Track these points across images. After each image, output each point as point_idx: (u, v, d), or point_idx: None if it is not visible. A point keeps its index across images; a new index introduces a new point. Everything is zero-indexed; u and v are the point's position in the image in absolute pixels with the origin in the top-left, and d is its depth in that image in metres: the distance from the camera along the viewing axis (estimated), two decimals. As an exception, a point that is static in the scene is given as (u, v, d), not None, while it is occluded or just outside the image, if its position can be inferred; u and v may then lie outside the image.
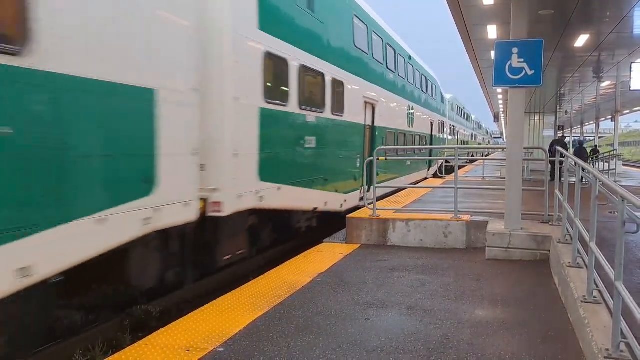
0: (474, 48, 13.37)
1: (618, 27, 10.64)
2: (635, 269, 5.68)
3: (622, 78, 16.74)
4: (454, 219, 7.99)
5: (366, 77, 12.33)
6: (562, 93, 22.47)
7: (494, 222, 7.79)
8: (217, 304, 5.18)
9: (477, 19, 10.58)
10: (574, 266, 5.25)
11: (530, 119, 28.97)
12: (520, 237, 7.11)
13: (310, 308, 5.00)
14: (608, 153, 24.96)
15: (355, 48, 11.57)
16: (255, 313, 4.82)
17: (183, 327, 4.50)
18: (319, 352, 3.96)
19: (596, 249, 4.02)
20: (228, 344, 4.10)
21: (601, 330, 3.63)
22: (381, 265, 6.81)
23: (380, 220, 8.19)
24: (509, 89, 7.57)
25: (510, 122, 7.60)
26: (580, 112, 33.50)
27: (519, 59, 6.98)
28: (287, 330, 4.42)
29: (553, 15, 9.86)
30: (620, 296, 3.15)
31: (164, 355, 3.89)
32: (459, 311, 4.94)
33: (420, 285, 5.84)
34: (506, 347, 4.08)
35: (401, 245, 8.01)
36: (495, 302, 5.24)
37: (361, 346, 4.07)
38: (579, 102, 26.77)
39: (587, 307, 4.12)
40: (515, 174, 7.44)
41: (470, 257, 7.31)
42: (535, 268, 6.65)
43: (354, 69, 11.40)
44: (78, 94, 4.52)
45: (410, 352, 3.97)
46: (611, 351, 3.26)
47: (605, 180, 4.00)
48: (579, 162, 5.76)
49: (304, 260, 7.13)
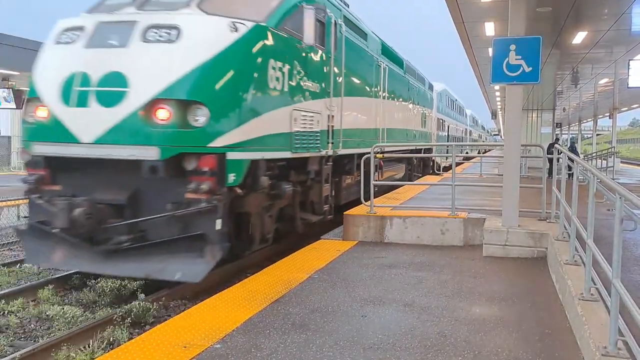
0: (471, 45, 13.35)
1: (616, 24, 10.64)
2: (633, 267, 5.69)
3: (620, 75, 16.75)
4: (451, 216, 7.99)
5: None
6: (559, 90, 22.49)
7: (491, 219, 7.79)
8: (214, 301, 5.17)
9: (475, 16, 10.57)
10: (572, 263, 5.25)
11: (527, 116, 28.99)
12: (517, 234, 7.12)
13: (307, 305, 5.00)
14: (606, 150, 25.00)
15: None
16: (252, 310, 4.81)
17: (180, 324, 4.49)
18: (316, 348, 3.95)
19: (594, 246, 4.02)
20: (225, 340, 4.09)
21: (598, 328, 3.62)
22: (378, 262, 6.80)
23: (378, 217, 8.18)
24: (506, 86, 7.56)
25: (507, 119, 7.60)
26: (578, 110, 33.53)
27: (517, 56, 6.97)
28: (283, 327, 4.41)
29: (551, 12, 9.86)
30: (617, 294, 3.14)
31: (161, 352, 3.87)
32: (456, 308, 4.94)
33: (417, 282, 5.84)
34: (503, 344, 4.08)
35: (398, 242, 8.01)
36: (493, 299, 5.24)
37: (358, 343, 4.07)
38: (577, 100, 26.79)
39: (584, 305, 4.11)
40: (512, 171, 7.43)
41: (467, 254, 7.31)
42: (533, 265, 6.66)
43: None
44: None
45: (407, 349, 3.97)
46: (609, 349, 3.26)
47: (603, 178, 4.00)
48: (576, 159, 5.76)
49: (300, 257, 7.12)
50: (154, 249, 6.39)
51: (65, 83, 6.53)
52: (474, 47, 13.57)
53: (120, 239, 6.45)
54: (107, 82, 6.35)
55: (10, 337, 6.06)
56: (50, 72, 6.81)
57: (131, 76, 6.28)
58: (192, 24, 6.50)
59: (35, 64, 7.09)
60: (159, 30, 6.43)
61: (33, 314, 6.75)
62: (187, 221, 6.30)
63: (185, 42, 6.34)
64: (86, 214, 6.33)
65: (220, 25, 6.55)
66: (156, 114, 6.21)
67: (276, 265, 6.78)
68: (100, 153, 6.39)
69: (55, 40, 6.97)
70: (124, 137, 6.28)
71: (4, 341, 5.79)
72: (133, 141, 6.26)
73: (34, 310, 6.82)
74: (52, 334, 6.10)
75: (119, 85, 6.29)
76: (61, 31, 6.97)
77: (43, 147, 6.77)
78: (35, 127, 6.86)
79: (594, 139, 39.69)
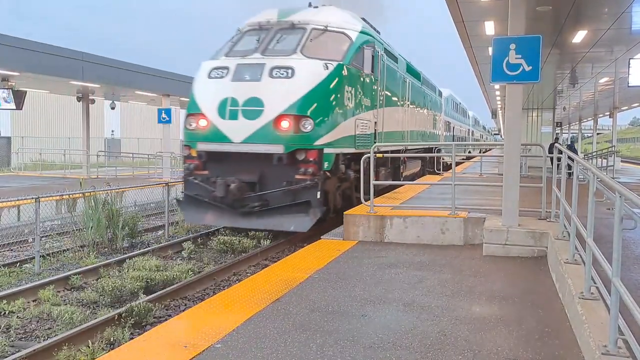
0: (471, 44, 13.34)
1: (616, 23, 10.62)
2: (633, 265, 5.68)
3: (620, 74, 16.72)
4: (452, 216, 7.99)
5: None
6: (559, 89, 22.47)
7: (491, 218, 7.79)
8: (214, 301, 5.17)
9: (475, 15, 10.56)
10: (572, 262, 5.25)
11: (528, 116, 28.95)
12: (517, 233, 7.12)
13: (307, 304, 5.00)
14: (607, 149, 24.96)
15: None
16: (252, 310, 4.82)
17: (180, 324, 4.50)
18: (316, 348, 3.96)
19: (594, 245, 4.02)
20: (225, 340, 4.10)
21: (598, 327, 3.63)
22: (378, 261, 6.81)
23: (378, 216, 8.18)
24: (506, 85, 7.56)
25: (507, 118, 7.60)
26: (578, 109, 33.51)
27: (517, 55, 6.96)
28: (284, 326, 4.41)
29: (551, 11, 9.84)
30: (617, 292, 3.15)
31: (161, 352, 3.88)
32: (456, 307, 4.94)
33: (417, 281, 5.84)
34: (503, 343, 4.08)
35: (398, 241, 8.01)
36: (493, 298, 5.25)
37: (358, 342, 4.07)
38: (577, 99, 26.76)
39: (584, 304, 4.11)
40: (512, 171, 7.43)
41: (467, 253, 7.31)
42: (533, 264, 6.66)
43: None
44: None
45: (407, 348, 3.97)
46: (609, 348, 3.26)
47: (602, 177, 3.99)
48: (576, 158, 5.76)
49: (300, 256, 7.12)
50: (275, 211, 9.75)
51: (220, 104, 9.96)
52: (473, 46, 13.55)
53: (253, 205, 9.80)
54: (249, 103, 9.79)
55: (12, 337, 6.07)
56: (208, 96, 10.24)
57: (265, 100, 9.72)
58: (300, 65, 9.99)
59: (193, 90, 10.60)
60: (280, 70, 9.92)
61: (34, 314, 6.76)
62: (297, 193, 9.67)
63: (297, 78, 9.81)
64: (237, 187, 9.68)
65: (317, 66, 10.08)
66: (281, 124, 9.65)
67: (276, 265, 6.79)
68: (246, 149, 9.81)
69: (207, 76, 10.43)
70: (261, 139, 9.69)
71: (5, 341, 5.80)
72: (267, 141, 9.68)
73: (35, 311, 6.84)
74: (53, 334, 6.11)
75: (257, 106, 9.74)
76: (211, 69, 10.45)
77: (205, 145, 10.16)
78: (197, 133, 10.23)
79: (594, 138, 39.65)
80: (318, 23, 10.95)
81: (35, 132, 38.98)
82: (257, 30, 11.21)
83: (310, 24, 10.87)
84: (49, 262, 9.50)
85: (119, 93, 25.75)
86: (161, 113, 22.67)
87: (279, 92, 9.70)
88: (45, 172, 25.46)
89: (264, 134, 9.64)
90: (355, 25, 11.74)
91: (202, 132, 10.13)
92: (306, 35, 10.63)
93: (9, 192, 15.41)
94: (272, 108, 9.63)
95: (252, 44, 10.93)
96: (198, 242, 10.98)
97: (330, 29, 11.03)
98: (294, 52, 10.26)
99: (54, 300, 7.23)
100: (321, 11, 11.52)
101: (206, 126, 10.08)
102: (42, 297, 7.32)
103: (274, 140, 9.62)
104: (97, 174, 24.07)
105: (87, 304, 7.28)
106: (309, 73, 9.92)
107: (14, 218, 12.81)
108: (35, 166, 28.17)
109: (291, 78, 9.76)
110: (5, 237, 11.40)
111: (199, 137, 10.17)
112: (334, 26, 11.13)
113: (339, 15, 11.66)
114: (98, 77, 19.93)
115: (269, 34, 10.88)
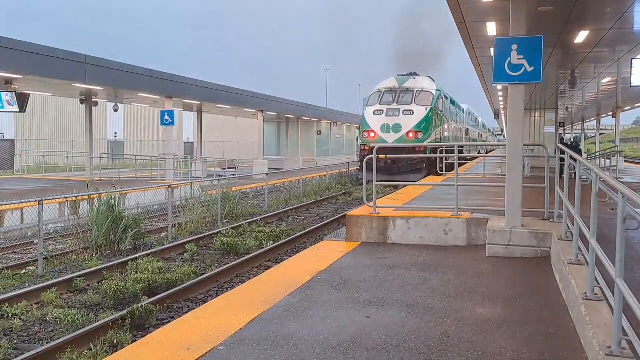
0: (473, 45, 13.33)
1: (618, 23, 10.60)
2: (636, 266, 5.66)
3: (623, 74, 16.69)
4: (455, 216, 7.97)
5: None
6: (562, 90, 22.43)
7: (494, 219, 7.77)
8: (217, 303, 5.17)
9: (476, 16, 10.55)
10: (575, 263, 5.23)
11: (530, 116, 28.92)
12: (520, 234, 7.10)
13: (310, 306, 4.99)
14: (610, 150, 24.92)
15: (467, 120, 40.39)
16: (255, 311, 4.81)
17: (183, 326, 4.49)
18: (319, 350, 3.95)
19: (597, 245, 4.00)
20: (228, 342, 4.10)
21: (602, 328, 3.61)
22: (381, 262, 6.80)
23: (380, 217, 8.18)
24: (508, 86, 7.54)
25: (510, 118, 7.58)
26: (581, 109, 33.44)
27: (519, 56, 6.95)
28: (287, 328, 4.41)
29: (552, 12, 9.82)
30: (621, 293, 3.14)
31: (164, 354, 3.88)
32: (459, 309, 4.93)
33: (420, 282, 5.83)
34: (507, 344, 4.07)
35: (401, 242, 8.00)
36: (496, 299, 5.23)
37: (362, 344, 4.06)
38: (580, 99, 26.71)
39: (588, 304, 4.10)
40: (515, 171, 7.42)
41: (470, 254, 7.30)
42: (536, 265, 6.64)
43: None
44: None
45: (411, 349, 3.96)
46: (613, 348, 3.25)
47: (605, 177, 3.98)
48: (579, 158, 5.74)
49: (303, 258, 7.12)
50: (405, 172, 22.29)
51: (382, 126, 23.81)
52: (475, 47, 13.54)
53: (396, 170, 22.55)
54: (395, 126, 23.68)
55: (15, 339, 6.08)
56: (375, 121, 24.18)
57: (402, 124, 23.61)
58: (416, 109, 23.99)
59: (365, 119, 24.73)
60: (407, 111, 23.92)
61: (37, 317, 6.77)
62: (415, 164, 22.65)
63: (415, 114, 23.83)
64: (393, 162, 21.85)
65: (422, 108, 24.06)
66: (409, 134, 23.37)
67: (279, 267, 6.79)
68: (395, 145, 21.99)
69: (372, 113, 24.36)
70: (400, 141, 22.92)
71: (8, 344, 5.81)
72: (403, 142, 22.82)
73: (38, 313, 6.85)
74: (56, 336, 6.12)
75: (398, 127, 23.63)
76: (374, 111, 24.41)
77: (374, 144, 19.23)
78: (369, 139, 23.59)
79: (597, 138, 39.57)
80: (419, 87, 24.89)
81: (39, 134, 39.11)
82: (390, 91, 24.96)
83: (415, 88, 24.72)
84: (52, 265, 9.52)
85: (122, 95, 25.79)
86: (164, 115, 22.74)
87: (407, 121, 23.47)
88: (48, 175, 25.53)
89: (402, 139, 22.95)
90: (433, 85, 25.74)
91: (372, 139, 23.10)
92: (414, 94, 24.50)
93: (12, 194, 15.45)
94: (405, 128, 23.26)
95: (390, 98, 24.60)
96: (201, 243, 11.01)
97: (425, 90, 24.91)
98: (412, 102, 24.09)
99: (57, 303, 7.24)
100: (418, 80, 25.38)
101: (375, 137, 23.43)
102: (45, 299, 7.33)
103: (406, 142, 22.59)
104: (100, 176, 24.12)
105: (90, 306, 7.29)
106: (419, 112, 23.77)
107: (17, 220, 12.84)
108: (39, 169, 28.26)
109: (413, 115, 23.65)
110: (9, 239, 11.42)
111: (370, 141, 22.92)
112: (426, 88, 25.06)
113: (427, 81, 25.74)
114: (101, 79, 19.96)
115: (397, 93, 24.74)
